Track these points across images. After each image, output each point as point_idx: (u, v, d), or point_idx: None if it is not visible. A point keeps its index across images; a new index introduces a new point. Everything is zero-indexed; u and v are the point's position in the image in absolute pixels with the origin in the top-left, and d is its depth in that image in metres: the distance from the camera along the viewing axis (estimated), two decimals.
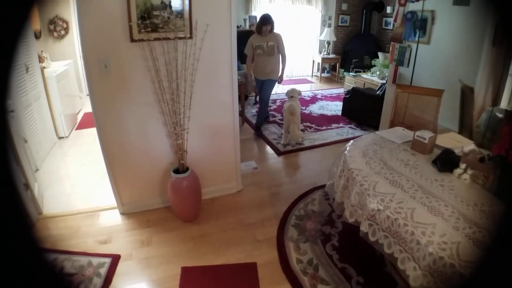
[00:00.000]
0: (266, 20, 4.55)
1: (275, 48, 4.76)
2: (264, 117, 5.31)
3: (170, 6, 2.53)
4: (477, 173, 1.99)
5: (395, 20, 4.01)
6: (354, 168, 2.17)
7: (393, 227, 1.70)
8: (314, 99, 7.18)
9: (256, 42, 4.75)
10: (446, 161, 2.14)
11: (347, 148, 2.47)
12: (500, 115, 3.75)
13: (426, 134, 2.35)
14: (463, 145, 2.31)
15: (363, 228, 1.91)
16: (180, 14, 2.58)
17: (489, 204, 1.76)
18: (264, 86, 5.04)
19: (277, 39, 4.75)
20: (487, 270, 1.23)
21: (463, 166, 2.05)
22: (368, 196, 1.90)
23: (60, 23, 6.17)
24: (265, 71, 4.89)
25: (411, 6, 3.86)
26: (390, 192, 1.89)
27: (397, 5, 3.90)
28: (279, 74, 4.98)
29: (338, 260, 2.51)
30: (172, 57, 2.61)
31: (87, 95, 2.72)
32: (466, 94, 3.89)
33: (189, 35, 2.65)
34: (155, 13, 2.50)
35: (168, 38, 2.56)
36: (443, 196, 1.84)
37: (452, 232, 1.54)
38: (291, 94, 4.79)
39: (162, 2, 2.50)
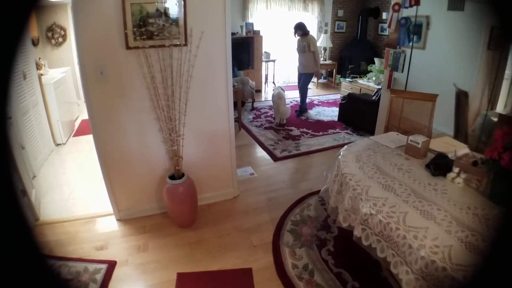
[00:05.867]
0: (297, 27, 6.00)
1: (306, 47, 5.96)
2: (303, 101, 6.52)
3: (166, 14, 2.56)
4: (471, 176, 2.01)
5: (389, 26, 4.04)
6: (347, 173, 2.18)
7: (386, 231, 1.71)
8: (311, 105, 7.20)
9: (297, 43, 6.14)
10: (440, 165, 2.15)
11: (341, 153, 2.49)
12: (495, 119, 3.78)
13: (419, 139, 2.37)
14: (457, 149, 2.32)
15: (356, 232, 1.92)
16: (175, 21, 2.60)
17: (482, 207, 1.77)
18: (302, 78, 6.32)
19: (309, 40, 5.98)
20: (482, 275, 1.24)
21: (456, 170, 2.07)
22: (361, 200, 1.92)
23: (58, 30, 6.20)
24: (301, 65, 6.22)
25: (406, 12, 3.89)
26: (382, 196, 1.90)
27: (391, 11, 3.93)
28: (315, 69, 6.23)
29: (333, 265, 2.51)
30: (167, 64, 2.63)
31: (85, 102, 2.74)
32: (461, 99, 3.92)
33: (184, 42, 2.67)
34: (151, 20, 2.53)
35: (163, 45, 2.59)
36: (436, 200, 1.85)
37: (444, 235, 1.55)
38: (277, 90, 6.01)
39: (157, 10, 2.52)
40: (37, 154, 4.10)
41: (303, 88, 6.38)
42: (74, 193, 3.60)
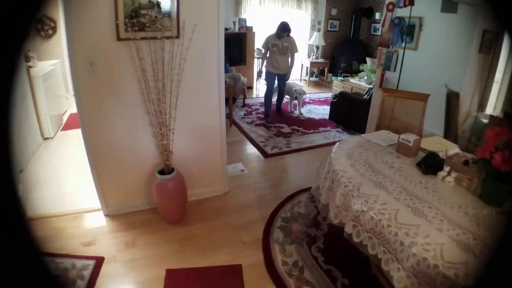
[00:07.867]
0: (285, 28, 5.57)
1: (288, 49, 5.70)
2: (281, 101, 6.52)
3: (158, 6, 2.52)
4: (461, 176, 2.01)
5: (382, 25, 4.05)
6: (339, 170, 2.17)
7: (377, 228, 1.71)
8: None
9: (273, 41, 5.69)
10: (430, 164, 2.16)
11: (333, 150, 2.48)
12: (485, 121, 3.81)
13: (410, 137, 2.37)
14: (448, 148, 2.33)
15: (348, 229, 1.91)
16: (167, 13, 2.56)
17: (472, 206, 1.78)
18: (278, 79, 6.02)
19: (291, 42, 5.69)
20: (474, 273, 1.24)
21: (447, 169, 2.07)
22: (353, 197, 1.91)
23: (48, 22, 6.09)
24: (278, 67, 5.83)
25: (399, 12, 3.90)
26: (374, 193, 1.89)
27: (385, 10, 3.94)
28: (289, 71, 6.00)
29: (323, 262, 2.51)
30: (159, 57, 2.59)
31: (74, 95, 2.69)
32: (452, 100, 3.94)
33: (176, 35, 2.64)
34: (143, 12, 2.48)
35: (155, 38, 2.54)
36: (427, 198, 1.85)
37: (436, 233, 1.55)
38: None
39: (150, 1, 2.48)
40: (25, 148, 4.02)
41: (283, 88, 6.29)
42: (62, 188, 3.53)
